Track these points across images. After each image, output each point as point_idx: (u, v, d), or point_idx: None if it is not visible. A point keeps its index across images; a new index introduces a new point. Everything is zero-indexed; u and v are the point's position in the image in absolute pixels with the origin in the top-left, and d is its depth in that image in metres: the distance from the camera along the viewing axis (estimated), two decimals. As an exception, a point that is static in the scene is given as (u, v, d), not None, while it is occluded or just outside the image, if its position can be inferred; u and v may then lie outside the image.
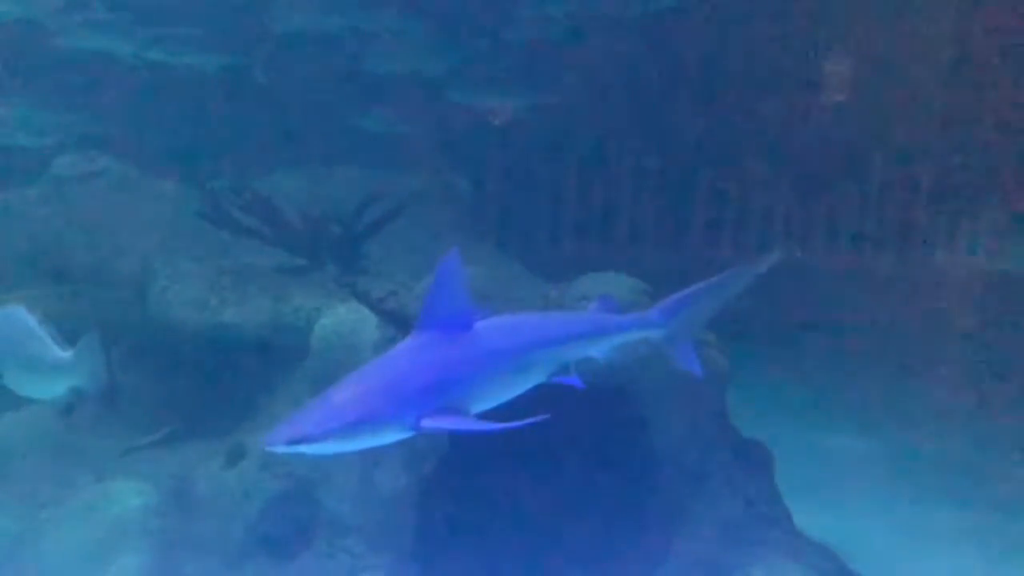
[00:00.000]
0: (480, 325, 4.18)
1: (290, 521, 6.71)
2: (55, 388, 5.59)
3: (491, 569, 6.99)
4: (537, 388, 4.89)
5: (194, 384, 7.71)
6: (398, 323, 6.76)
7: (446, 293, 4.10)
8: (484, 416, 4.12)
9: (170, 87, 10.11)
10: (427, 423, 3.83)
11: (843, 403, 10.65)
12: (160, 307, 7.63)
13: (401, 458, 6.60)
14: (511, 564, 6.98)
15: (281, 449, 3.73)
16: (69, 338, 5.54)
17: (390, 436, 3.90)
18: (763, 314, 9.45)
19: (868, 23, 11.00)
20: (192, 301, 7.55)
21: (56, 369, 5.45)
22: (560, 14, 10.26)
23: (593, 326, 4.73)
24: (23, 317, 5.51)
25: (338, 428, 3.72)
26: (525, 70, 10.75)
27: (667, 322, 4.89)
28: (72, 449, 7.67)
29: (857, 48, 11.07)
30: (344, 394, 3.83)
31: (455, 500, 7.03)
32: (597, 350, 4.69)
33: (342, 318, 7.01)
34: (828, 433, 10.07)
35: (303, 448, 3.74)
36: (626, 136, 11.54)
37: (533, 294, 7.07)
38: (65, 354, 5.44)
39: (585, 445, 7.20)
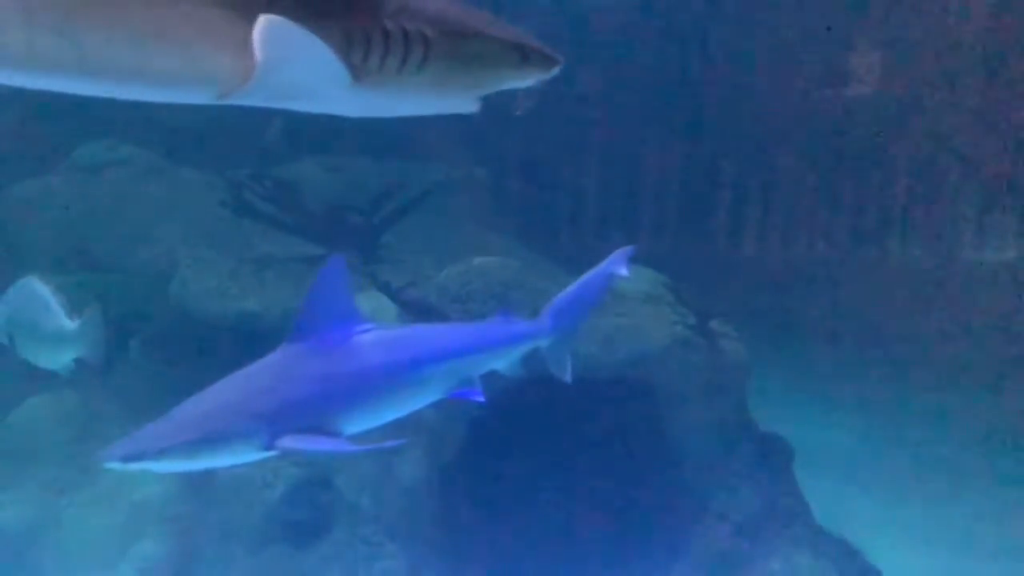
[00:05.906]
0: (361, 338, 3.90)
1: (310, 509, 6.73)
2: (62, 357, 5.69)
3: (509, 559, 7.00)
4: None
5: (215, 372, 7.72)
6: (417, 312, 6.76)
7: (324, 303, 3.85)
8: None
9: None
10: (282, 443, 3.53)
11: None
12: (181, 295, 7.66)
13: (421, 448, 6.61)
14: (530, 555, 6.99)
15: (116, 466, 3.47)
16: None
17: (241, 456, 3.62)
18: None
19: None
20: (213, 289, 7.57)
21: (62, 339, 5.57)
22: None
23: (485, 338, 4.44)
24: (38, 288, 5.65)
25: (177, 446, 3.46)
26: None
27: (556, 328, 4.64)
28: (93, 435, 7.70)
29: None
30: (193, 410, 3.60)
31: (474, 490, 7.04)
32: (497, 362, 4.42)
33: (362, 307, 7.00)
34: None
35: (139, 466, 3.47)
36: (649, 126, 11.47)
37: (552, 284, 7.05)
38: (72, 324, 5.55)
39: (605, 437, 7.19)
